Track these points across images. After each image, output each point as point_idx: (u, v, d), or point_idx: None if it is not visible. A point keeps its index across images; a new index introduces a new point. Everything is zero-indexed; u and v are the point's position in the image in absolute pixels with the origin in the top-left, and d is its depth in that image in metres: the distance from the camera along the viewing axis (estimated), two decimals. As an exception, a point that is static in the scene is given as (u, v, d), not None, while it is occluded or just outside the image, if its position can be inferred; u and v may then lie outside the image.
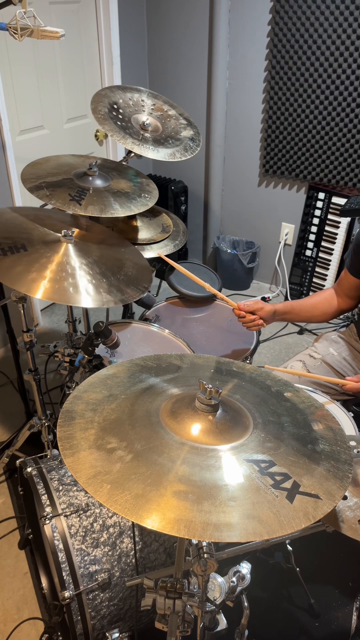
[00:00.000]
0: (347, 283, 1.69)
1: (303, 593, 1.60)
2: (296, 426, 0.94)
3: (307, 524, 0.73)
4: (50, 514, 1.23)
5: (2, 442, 2.15)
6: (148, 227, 2.04)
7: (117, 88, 2.02)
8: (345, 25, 2.50)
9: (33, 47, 2.50)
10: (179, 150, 1.93)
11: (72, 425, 0.87)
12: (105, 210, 1.64)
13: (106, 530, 1.26)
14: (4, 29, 1.31)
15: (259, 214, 3.33)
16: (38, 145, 2.70)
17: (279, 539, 1.39)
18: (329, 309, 1.75)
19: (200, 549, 0.91)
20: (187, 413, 0.90)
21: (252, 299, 3.25)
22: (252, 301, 1.69)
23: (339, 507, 1.08)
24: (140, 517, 0.71)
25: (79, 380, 1.57)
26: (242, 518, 0.72)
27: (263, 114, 3.00)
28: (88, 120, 2.96)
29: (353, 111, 2.67)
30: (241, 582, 1.11)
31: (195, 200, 3.51)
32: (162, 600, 0.96)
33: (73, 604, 1.18)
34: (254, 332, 1.87)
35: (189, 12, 2.97)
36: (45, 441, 1.87)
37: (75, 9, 2.69)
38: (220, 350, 1.82)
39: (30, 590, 1.65)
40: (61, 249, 1.47)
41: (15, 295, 1.57)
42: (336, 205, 2.93)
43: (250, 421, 0.93)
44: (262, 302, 1.69)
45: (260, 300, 1.73)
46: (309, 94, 2.75)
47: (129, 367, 1.07)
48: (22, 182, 1.66)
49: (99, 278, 1.45)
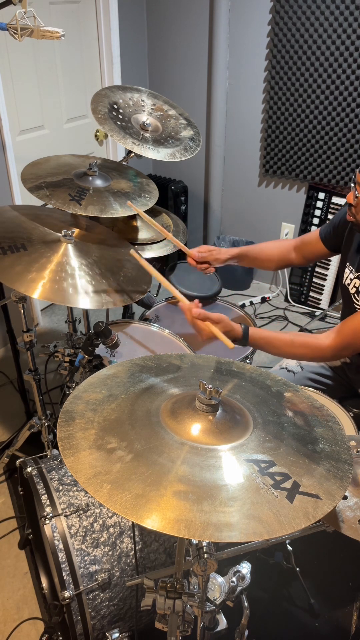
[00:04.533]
0: (313, 246, 1.70)
1: (303, 593, 1.60)
2: (296, 426, 0.94)
3: (307, 524, 0.73)
4: (50, 514, 1.23)
5: (2, 442, 2.15)
6: (148, 227, 2.04)
7: (117, 88, 2.02)
8: (345, 25, 2.50)
9: (33, 47, 2.50)
10: (179, 150, 1.93)
11: (72, 425, 0.86)
12: (105, 210, 1.64)
13: (106, 530, 1.25)
14: (4, 29, 1.31)
15: (259, 214, 3.33)
16: (38, 145, 2.70)
17: (279, 539, 1.39)
18: (276, 256, 1.76)
19: (200, 549, 0.91)
20: (187, 413, 0.90)
21: (255, 299, 3.25)
22: (205, 249, 1.73)
23: (339, 507, 1.08)
24: (140, 517, 0.71)
25: (79, 380, 1.57)
26: (242, 518, 0.72)
27: (263, 114, 3.00)
28: (88, 120, 2.96)
29: (353, 111, 2.67)
30: (241, 582, 1.11)
31: (195, 200, 3.51)
32: (162, 600, 0.96)
33: (73, 604, 1.18)
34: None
35: (189, 12, 2.97)
36: (45, 441, 1.87)
37: (75, 9, 2.69)
38: (220, 350, 1.82)
39: (30, 590, 1.65)
40: (61, 249, 1.47)
41: (15, 295, 1.57)
42: (336, 205, 2.93)
43: (250, 421, 0.93)
44: (216, 252, 1.73)
45: (214, 250, 1.74)
46: (309, 94, 2.75)
47: (129, 367, 1.07)
48: (22, 182, 1.66)
49: (99, 279, 1.45)
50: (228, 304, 2.04)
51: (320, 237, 1.67)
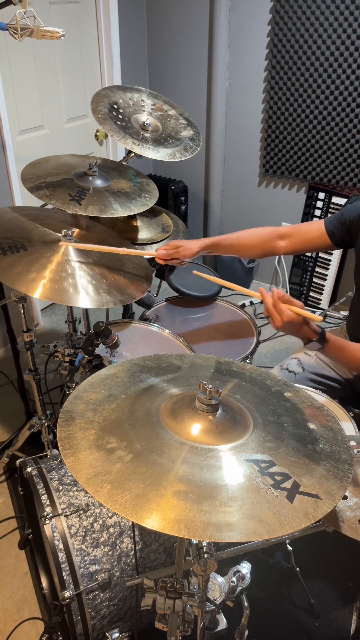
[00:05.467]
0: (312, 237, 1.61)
1: (303, 593, 1.60)
2: (296, 426, 0.94)
3: (307, 524, 0.73)
4: (50, 514, 1.23)
5: (2, 442, 2.15)
6: (148, 227, 2.04)
7: (117, 88, 2.02)
8: (345, 25, 2.50)
9: (33, 47, 2.50)
10: (179, 150, 1.93)
11: (72, 425, 0.86)
12: (105, 210, 1.64)
13: (106, 530, 1.26)
14: (4, 29, 1.31)
15: (259, 214, 3.33)
16: (38, 145, 2.70)
17: (279, 539, 1.39)
18: (255, 244, 1.68)
19: (200, 549, 0.91)
20: (187, 413, 0.90)
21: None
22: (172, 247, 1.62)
23: (339, 507, 1.08)
24: (140, 517, 0.71)
25: (79, 380, 1.57)
26: (242, 518, 0.72)
27: (263, 114, 3.00)
28: (88, 120, 2.96)
29: (353, 111, 2.67)
30: (241, 582, 1.11)
31: (195, 200, 3.51)
32: (162, 600, 0.96)
33: (73, 604, 1.18)
34: (253, 332, 1.88)
35: (189, 12, 2.97)
36: (45, 441, 1.87)
37: (75, 9, 2.69)
38: (220, 350, 1.82)
39: (30, 590, 1.65)
40: (61, 249, 1.47)
41: (15, 295, 1.57)
42: (336, 205, 2.93)
43: (250, 421, 0.93)
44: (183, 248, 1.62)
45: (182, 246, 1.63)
46: (309, 94, 2.75)
47: (129, 367, 1.07)
48: (22, 182, 1.66)
49: (99, 278, 1.45)
50: (228, 304, 2.04)
51: (326, 230, 1.59)
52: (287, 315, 1.31)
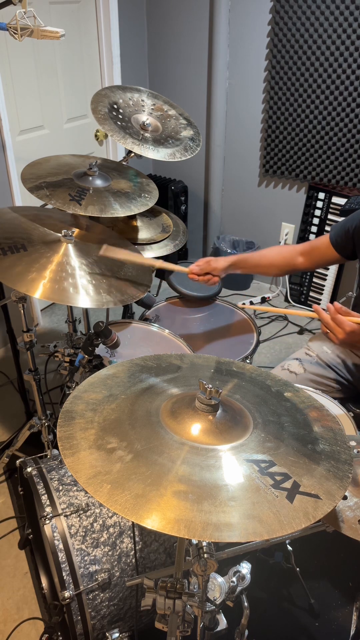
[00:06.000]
0: (323, 252, 1.65)
1: (303, 593, 1.60)
2: (296, 426, 0.94)
3: (307, 524, 0.73)
4: (50, 514, 1.23)
5: (2, 442, 2.15)
6: (148, 227, 2.04)
7: (117, 88, 2.02)
8: (345, 25, 2.50)
9: (33, 47, 2.50)
10: (179, 150, 1.93)
11: (72, 425, 0.86)
12: (105, 210, 1.64)
13: (106, 530, 1.26)
14: (4, 29, 1.31)
15: (259, 214, 3.33)
16: (38, 145, 2.70)
17: (279, 539, 1.39)
18: (279, 262, 1.74)
19: (200, 549, 0.91)
20: (187, 413, 0.90)
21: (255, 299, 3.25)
22: (203, 262, 1.74)
23: (339, 507, 1.08)
24: (140, 517, 0.71)
25: (79, 380, 1.57)
26: (242, 518, 0.72)
27: (263, 114, 3.00)
28: (88, 120, 2.96)
29: (353, 111, 2.67)
30: (241, 582, 1.11)
31: (195, 200, 3.51)
32: (162, 600, 0.96)
33: (73, 604, 1.18)
34: (253, 332, 1.88)
35: (189, 12, 2.97)
36: (45, 441, 1.87)
37: (75, 9, 2.69)
38: (220, 350, 1.82)
39: (30, 590, 1.65)
40: (61, 249, 1.47)
41: (15, 295, 1.57)
42: (336, 205, 2.93)
43: (250, 421, 0.93)
44: (213, 261, 1.73)
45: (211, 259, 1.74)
46: (309, 94, 2.75)
47: (129, 367, 1.07)
48: (22, 182, 1.66)
49: (99, 278, 1.45)
50: (228, 304, 2.04)
51: (331, 242, 1.62)
52: (349, 326, 1.27)
